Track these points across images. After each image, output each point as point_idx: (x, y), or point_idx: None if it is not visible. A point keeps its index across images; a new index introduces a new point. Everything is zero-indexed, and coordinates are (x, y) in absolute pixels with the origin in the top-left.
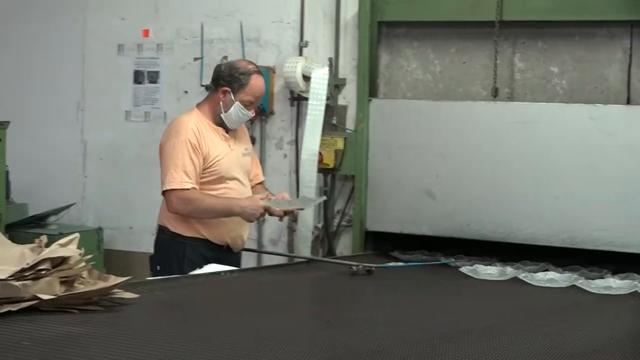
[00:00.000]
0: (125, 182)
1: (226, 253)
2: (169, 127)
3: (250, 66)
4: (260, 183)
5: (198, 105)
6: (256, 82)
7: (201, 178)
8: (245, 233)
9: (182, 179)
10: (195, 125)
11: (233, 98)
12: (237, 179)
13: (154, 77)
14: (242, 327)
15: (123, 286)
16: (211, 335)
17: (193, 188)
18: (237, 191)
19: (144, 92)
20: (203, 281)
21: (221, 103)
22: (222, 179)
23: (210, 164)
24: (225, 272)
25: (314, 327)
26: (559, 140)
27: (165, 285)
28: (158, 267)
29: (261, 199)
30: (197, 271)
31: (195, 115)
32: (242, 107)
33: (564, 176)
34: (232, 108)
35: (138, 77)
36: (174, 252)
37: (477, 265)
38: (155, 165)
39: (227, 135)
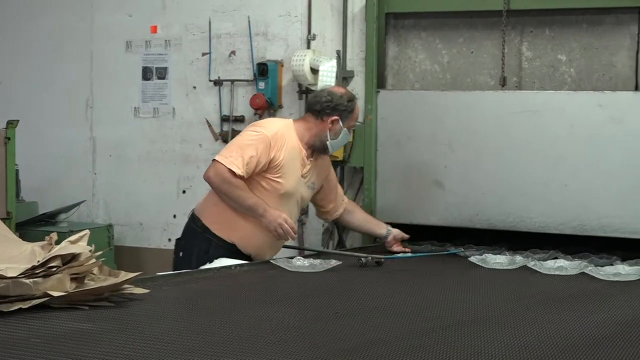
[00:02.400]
0: (135, 179)
1: (246, 260)
2: (259, 121)
3: (350, 93)
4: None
5: (295, 121)
6: (357, 108)
7: (262, 186)
8: (270, 253)
9: (236, 161)
10: (284, 132)
11: (342, 125)
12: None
13: (162, 73)
14: (251, 320)
15: (133, 282)
16: (220, 329)
17: (240, 176)
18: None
19: (153, 88)
20: (213, 275)
21: (328, 132)
22: (282, 196)
23: (278, 175)
24: (235, 266)
25: (322, 318)
26: (568, 128)
27: (175, 280)
28: (181, 254)
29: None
30: (207, 265)
31: (288, 125)
32: (347, 132)
33: (573, 164)
34: (341, 135)
35: (146, 74)
36: (199, 245)
37: (486, 254)
38: (164, 162)
39: (305, 160)
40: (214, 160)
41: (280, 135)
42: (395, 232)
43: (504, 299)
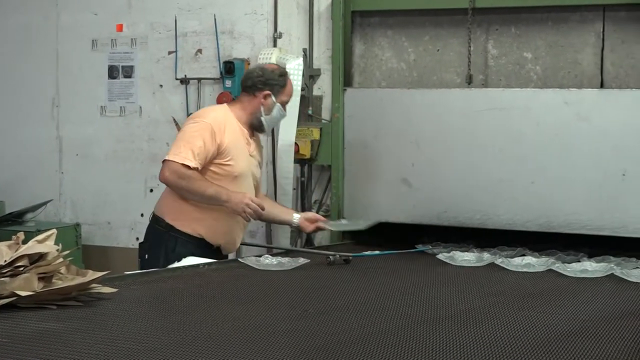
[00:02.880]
0: (102, 178)
1: (216, 254)
2: (195, 112)
3: (281, 69)
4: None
5: (229, 104)
6: (290, 83)
7: (215, 172)
8: (240, 237)
9: (187, 155)
10: (222, 117)
11: (275, 100)
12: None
13: (128, 72)
14: (219, 319)
15: (101, 281)
16: (188, 328)
17: (195, 168)
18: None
19: (119, 87)
20: (181, 274)
21: (261, 107)
22: (236, 178)
23: (227, 159)
24: (204, 264)
25: (291, 317)
26: (534, 126)
27: (143, 279)
28: (146, 256)
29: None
30: (176, 264)
31: (224, 110)
32: (282, 108)
33: (540, 161)
34: (274, 110)
35: (113, 72)
36: (165, 244)
37: (454, 251)
38: (131, 160)
39: (249, 139)
40: (164, 160)
41: (220, 121)
42: (308, 214)
43: (473, 296)
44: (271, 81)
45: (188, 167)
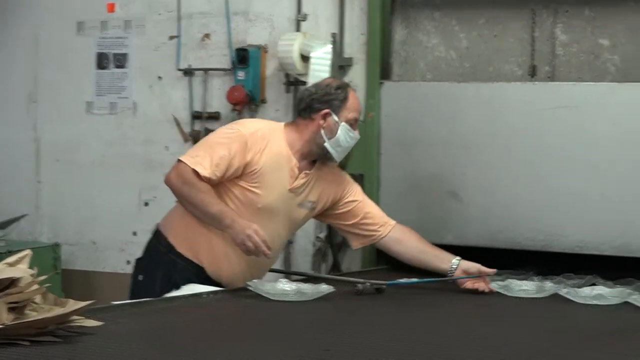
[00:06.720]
0: (88, 189)
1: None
2: (237, 120)
3: (338, 80)
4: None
5: (285, 125)
6: (354, 94)
7: (236, 197)
8: (248, 275)
9: (203, 161)
10: (267, 134)
11: (337, 119)
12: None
13: (121, 61)
14: (223, 359)
15: (84, 312)
16: None
17: (207, 178)
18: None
19: (110, 79)
20: (179, 305)
21: (322, 131)
22: (259, 210)
23: (255, 184)
24: (207, 293)
25: (309, 356)
26: (611, 128)
27: (134, 311)
28: (140, 277)
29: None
30: (174, 293)
31: (274, 127)
32: (349, 127)
33: (617, 171)
34: (339, 132)
35: (102, 61)
36: (162, 267)
37: (509, 279)
38: (123, 168)
39: (297, 171)
40: (178, 160)
41: (261, 136)
42: (467, 265)
43: (531, 334)
44: (327, 96)
45: (198, 174)
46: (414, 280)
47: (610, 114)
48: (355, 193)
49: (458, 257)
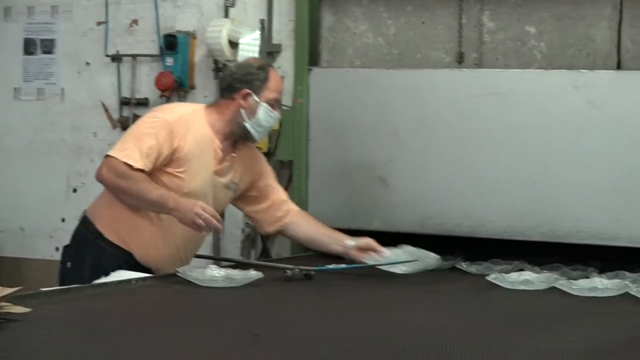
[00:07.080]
0: (15, 175)
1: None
2: (159, 106)
3: (261, 61)
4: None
5: (206, 107)
6: (275, 75)
7: (164, 183)
8: (177, 265)
9: (133, 153)
10: (189, 117)
11: (257, 99)
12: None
13: (48, 47)
14: (151, 345)
15: (11, 299)
16: (116, 355)
17: (139, 170)
18: None
19: (37, 65)
20: (109, 291)
21: (242, 111)
22: (186, 195)
23: (181, 169)
24: (136, 279)
25: (238, 342)
26: (537, 114)
27: (62, 297)
28: (69, 264)
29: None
30: (104, 279)
31: (195, 110)
32: (269, 107)
33: (543, 157)
34: (259, 112)
35: (29, 47)
36: (90, 255)
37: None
38: (50, 154)
39: (221, 153)
40: (106, 156)
41: (185, 121)
42: (361, 241)
43: (458, 320)
44: (248, 76)
45: (131, 167)
46: (342, 266)
47: (537, 101)
48: (269, 176)
49: (350, 238)
